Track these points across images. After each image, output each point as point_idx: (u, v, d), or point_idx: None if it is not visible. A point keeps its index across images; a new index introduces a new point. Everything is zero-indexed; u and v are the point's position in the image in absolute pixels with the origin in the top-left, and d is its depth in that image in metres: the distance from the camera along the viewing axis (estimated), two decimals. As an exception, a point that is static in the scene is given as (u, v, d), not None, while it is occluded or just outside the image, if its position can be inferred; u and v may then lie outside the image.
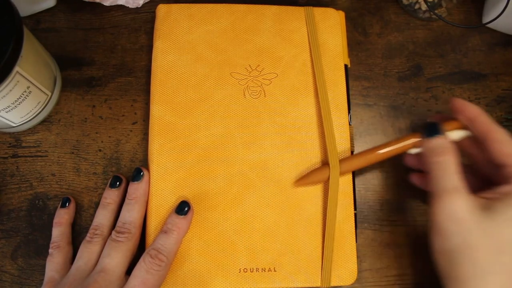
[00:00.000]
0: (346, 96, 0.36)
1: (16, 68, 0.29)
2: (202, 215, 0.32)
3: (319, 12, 0.37)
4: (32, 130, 0.36)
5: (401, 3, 0.42)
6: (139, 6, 0.39)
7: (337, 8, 0.38)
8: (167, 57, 0.35)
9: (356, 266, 0.33)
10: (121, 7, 0.40)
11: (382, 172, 0.38)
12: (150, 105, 0.34)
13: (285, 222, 0.33)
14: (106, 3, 0.38)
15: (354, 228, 0.33)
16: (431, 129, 0.30)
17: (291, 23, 0.37)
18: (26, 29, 0.30)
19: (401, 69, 0.40)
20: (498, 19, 0.36)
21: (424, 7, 0.40)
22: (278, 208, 0.33)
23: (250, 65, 0.35)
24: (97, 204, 0.35)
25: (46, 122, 0.37)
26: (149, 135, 0.34)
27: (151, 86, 0.35)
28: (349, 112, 0.36)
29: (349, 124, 0.35)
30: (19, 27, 0.28)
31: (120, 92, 0.38)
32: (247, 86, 0.35)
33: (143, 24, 0.40)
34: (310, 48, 0.36)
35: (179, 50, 0.35)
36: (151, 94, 0.34)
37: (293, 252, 0.32)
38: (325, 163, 0.34)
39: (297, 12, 0.37)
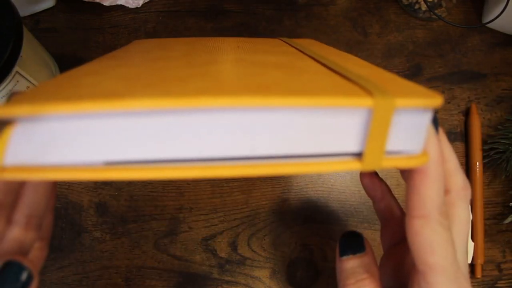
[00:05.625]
0: None
1: (16, 68, 0.29)
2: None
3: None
4: (32, 130, 0.36)
5: (401, 3, 0.42)
6: (139, 6, 0.39)
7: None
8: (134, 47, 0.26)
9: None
10: (121, 7, 0.40)
11: (381, 173, 0.38)
12: None
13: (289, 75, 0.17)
14: (106, 3, 0.38)
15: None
16: (348, 245, 0.23)
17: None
18: (25, 29, 0.30)
19: (401, 69, 0.40)
20: (498, 19, 0.36)
21: (424, 7, 0.40)
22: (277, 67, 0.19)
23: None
24: (97, 204, 0.35)
25: (46, 122, 0.37)
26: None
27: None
28: None
29: None
30: (19, 27, 0.28)
31: (120, 92, 0.38)
32: (237, 46, 0.25)
33: (143, 24, 0.39)
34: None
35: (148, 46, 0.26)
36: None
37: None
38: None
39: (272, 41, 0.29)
